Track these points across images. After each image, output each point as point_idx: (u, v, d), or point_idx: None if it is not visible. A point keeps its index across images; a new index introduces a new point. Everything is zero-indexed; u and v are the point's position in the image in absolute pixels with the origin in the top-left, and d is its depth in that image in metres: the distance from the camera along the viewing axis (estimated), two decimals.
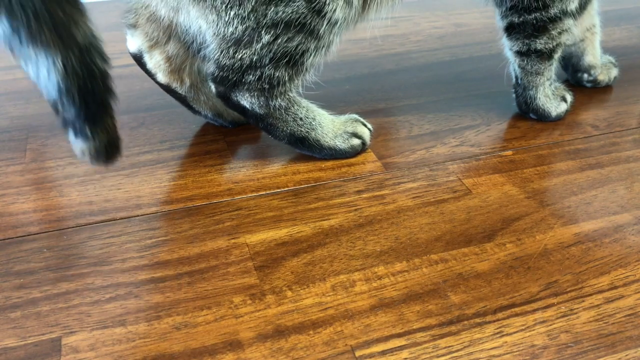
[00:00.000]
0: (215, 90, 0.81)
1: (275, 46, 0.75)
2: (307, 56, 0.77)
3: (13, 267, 0.67)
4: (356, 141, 0.85)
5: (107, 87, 0.68)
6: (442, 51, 1.19)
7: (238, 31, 0.75)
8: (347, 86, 1.06)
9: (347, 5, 0.76)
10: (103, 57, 0.67)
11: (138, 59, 0.88)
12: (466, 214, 0.75)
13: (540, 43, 0.88)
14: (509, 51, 0.92)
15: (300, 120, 0.82)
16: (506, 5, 0.87)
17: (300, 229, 0.72)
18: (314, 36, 0.76)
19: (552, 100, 0.93)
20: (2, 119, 0.96)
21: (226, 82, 0.79)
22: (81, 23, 0.65)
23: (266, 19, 0.74)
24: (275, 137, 0.84)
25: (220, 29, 0.76)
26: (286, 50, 0.76)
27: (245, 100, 0.80)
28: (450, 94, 1.02)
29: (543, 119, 0.93)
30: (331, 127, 0.84)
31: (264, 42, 0.75)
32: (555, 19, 0.87)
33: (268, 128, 0.83)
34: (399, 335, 0.59)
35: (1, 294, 0.64)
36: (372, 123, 0.88)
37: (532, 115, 0.94)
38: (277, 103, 0.80)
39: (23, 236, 0.72)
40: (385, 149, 0.88)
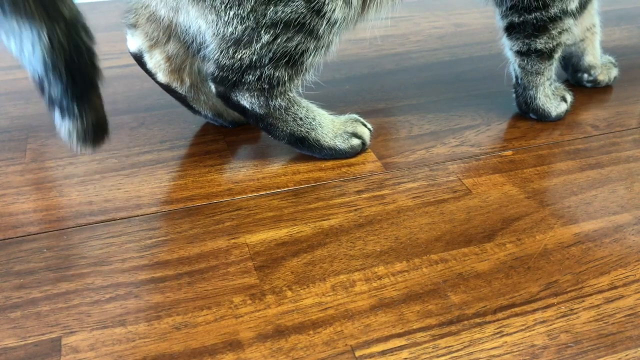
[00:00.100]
0: (215, 90, 0.81)
1: (274, 46, 0.75)
2: (307, 56, 0.77)
3: (13, 267, 0.67)
4: (356, 141, 0.85)
5: (94, 65, 0.66)
6: (442, 51, 1.19)
7: (237, 31, 0.75)
8: (347, 86, 1.06)
9: (347, 5, 0.76)
10: (88, 34, 0.65)
11: (138, 59, 0.88)
12: (466, 214, 0.75)
13: (540, 43, 0.88)
14: (509, 51, 0.92)
15: (300, 120, 0.82)
16: (506, 5, 0.87)
17: (300, 229, 0.72)
18: (314, 36, 0.76)
19: (552, 100, 0.93)
20: (2, 119, 0.96)
21: (226, 82, 0.79)
22: None
23: (265, 19, 0.74)
24: (275, 137, 0.84)
25: (219, 29, 0.76)
26: (286, 50, 0.76)
27: (245, 100, 0.80)
28: (450, 94, 1.02)
29: (543, 119, 0.93)
30: (331, 127, 0.84)
31: (264, 42, 0.75)
32: (555, 19, 0.87)
33: (268, 128, 0.83)
34: (399, 335, 0.59)
35: (1, 294, 0.64)
36: (372, 123, 0.88)
37: (532, 115, 0.94)
38: (277, 103, 0.80)
39: (23, 236, 0.72)
40: (385, 149, 0.88)
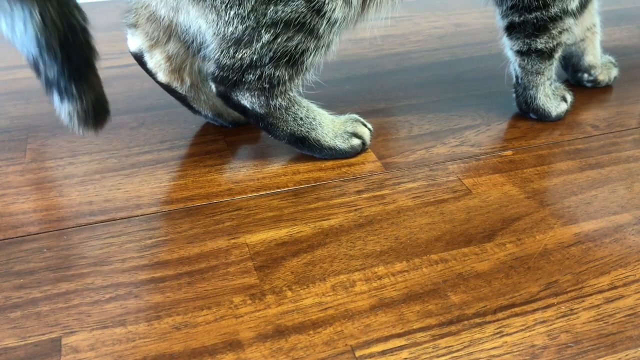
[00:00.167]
0: (215, 89, 0.81)
1: (275, 45, 0.75)
2: (307, 55, 0.77)
3: (13, 267, 0.67)
4: (356, 141, 0.85)
5: (89, 44, 0.65)
6: (442, 51, 1.19)
7: (238, 31, 0.75)
8: (347, 86, 1.06)
9: (346, 4, 0.76)
10: (82, 14, 0.64)
11: (139, 59, 0.88)
12: (466, 214, 0.74)
13: (540, 42, 0.88)
14: (510, 51, 0.92)
15: (300, 120, 0.82)
16: (507, 4, 0.87)
17: (300, 229, 0.72)
18: (314, 35, 0.76)
19: (552, 100, 0.93)
20: (2, 119, 0.96)
21: (226, 82, 0.79)
22: None
23: (266, 18, 0.74)
24: (275, 137, 0.84)
25: (220, 29, 0.76)
26: (286, 49, 0.76)
27: (245, 99, 0.80)
28: (450, 94, 1.02)
29: (543, 119, 0.93)
30: (331, 127, 0.84)
31: (264, 42, 0.75)
32: (555, 18, 0.87)
33: (268, 128, 0.83)
34: (399, 335, 0.59)
35: (1, 294, 0.64)
36: (372, 123, 0.88)
37: (532, 115, 0.94)
38: (278, 102, 0.80)
39: (23, 236, 0.72)
40: (385, 149, 0.87)
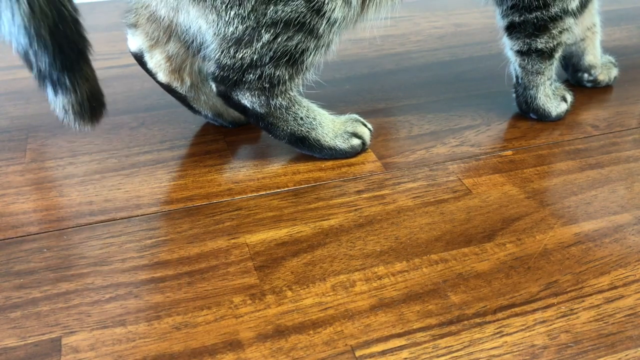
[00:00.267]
0: (216, 89, 0.81)
1: (275, 45, 0.75)
2: (307, 55, 0.77)
3: (13, 267, 0.67)
4: (356, 141, 0.85)
5: (81, 34, 0.64)
6: (442, 51, 1.19)
7: (238, 31, 0.75)
8: (347, 86, 1.06)
9: (346, 4, 0.76)
10: (72, 4, 0.63)
11: (139, 59, 0.88)
12: (466, 214, 0.74)
13: (541, 42, 0.88)
14: (510, 50, 0.92)
15: (300, 119, 0.82)
16: (507, 4, 0.87)
17: (300, 229, 0.72)
18: (314, 35, 0.76)
19: (553, 100, 0.93)
20: (2, 119, 0.96)
21: (227, 82, 0.79)
22: None
23: (266, 18, 0.74)
24: (275, 137, 0.84)
25: (220, 29, 0.76)
26: (286, 49, 0.76)
27: (246, 99, 0.80)
28: (450, 94, 1.02)
29: (543, 119, 0.93)
30: (331, 127, 0.84)
31: (264, 41, 0.75)
32: (556, 18, 0.87)
33: (268, 127, 0.83)
34: (399, 335, 0.59)
35: (1, 294, 0.64)
36: (372, 123, 0.88)
37: (532, 115, 0.94)
38: (278, 102, 0.80)
39: (23, 236, 0.72)
40: (385, 149, 0.87)
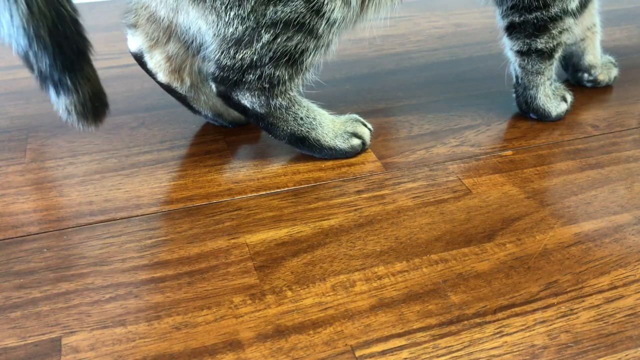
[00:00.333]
0: (215, 89, 0.81)
1: (275, 45, 0.75)
2: (307, 55, 0.77)
3: (13, 267, 0.67)
4: (356, 141, 0.85)
5: (81, 34, 0.64)
6: (442, 51, 1.19)
7: (238, 31, 0.75)
8: (347, 86, 1.06)
9: (345, 5, 0.76)
10: (72, 5, 0.63)
11: (139, 59, 0.88)
12: (466, 214, 0.74)
13: (540, 42, 0.88)
14: (510, 51, 0.92)
15: (300, 119, 0.82)
16: (507, 4, 0.87)
17: (300, 229, 0.72)
18: (313, 35, 0.76)
19: (553, 100, 0.93)
20: (2, 119, 0.96)
21: (227, 82, 0.79)
22: None
23: (265, 19, 0.74)
24: (275, 137, 0.84)
25: (220, 30, 0.76)
26: (286, 49, 0.76)
27: (245, 99, 0.80)
28: (450, 94, 1.02)
29: (543, 119, 0.93)
30: (331, 127, 0.84)
31: (264, 42, 0.75)
32: (556, 18, 0.87)
33: (268, 127, 0.83)
34: (399, 335, 0.59)
35: (1, 294, 0.64)
36: (372, 123, 0.88)
37: (532, 115, 0.94)
38: (278, 102, 0.80)
39: (23, 236, 0.72)
40: (385, 149, 0.87)
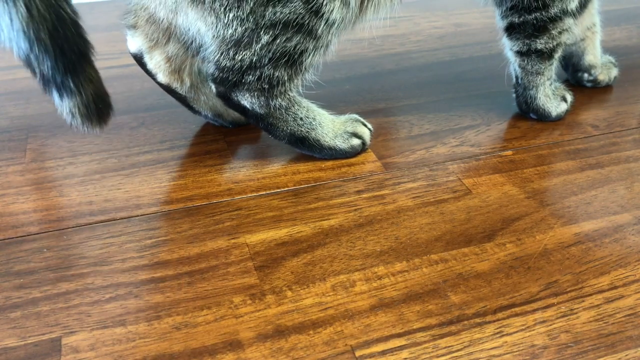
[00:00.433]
0: (215, 90, 0.81)
1: (274, 46, 0.75)
2: (306, 56, 0.77)
3: (13, 267, 0.67)
4: (356, 141, 0.85)
5: (82, 36, 0.64)
6: (442, 51, 1.19)
7: (237, 33, 0.75)
8: (347, 86, 1.06)
9: (344, 6, 0.76)
10: (71, 7, 0.63)
11: (138, 59, 0.88)
12: (466, 214, 0.74)
13: (540, 43, 0.88)
14: (509, 51, 0.92)
15: (300, 120, 0.82)
16: (506, 5, 0.87)
17: (300, 229, 0.72)
18: (312, 36, 0.76)
19: (553, 100, 0.93)
20: (2, 119, 0.96)
21: (226, 83, 0.79)
22: None
23: (265, 20, 0.74)
24: (275, 137, 0.84)
25: (219, 31, 0.76)
26: (285, 50, 0.76)
27: (245, 100, 0.80)
28: (450, 94, 1.02)
29: (543, 119, 0.93)
30: (331, 127, 0.84)
31: (263, 43, 0.75)
32: (555, 19, 0.87)
33: (268, 128, 0.83)
34: (399, 335, 0.59)
35: (1, 294, 0.64)
36: (372, 123, 0.88)
37: (532, 115, 0.94)
38: (277, 103, 0.80)
39: (23, 236, 0.72)
40: (385, 149, 0.88)
